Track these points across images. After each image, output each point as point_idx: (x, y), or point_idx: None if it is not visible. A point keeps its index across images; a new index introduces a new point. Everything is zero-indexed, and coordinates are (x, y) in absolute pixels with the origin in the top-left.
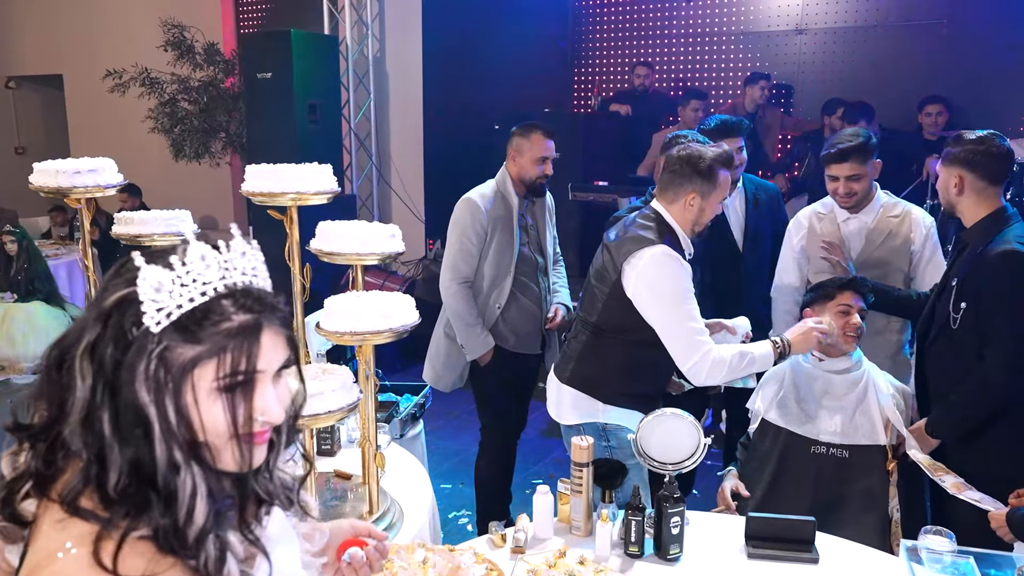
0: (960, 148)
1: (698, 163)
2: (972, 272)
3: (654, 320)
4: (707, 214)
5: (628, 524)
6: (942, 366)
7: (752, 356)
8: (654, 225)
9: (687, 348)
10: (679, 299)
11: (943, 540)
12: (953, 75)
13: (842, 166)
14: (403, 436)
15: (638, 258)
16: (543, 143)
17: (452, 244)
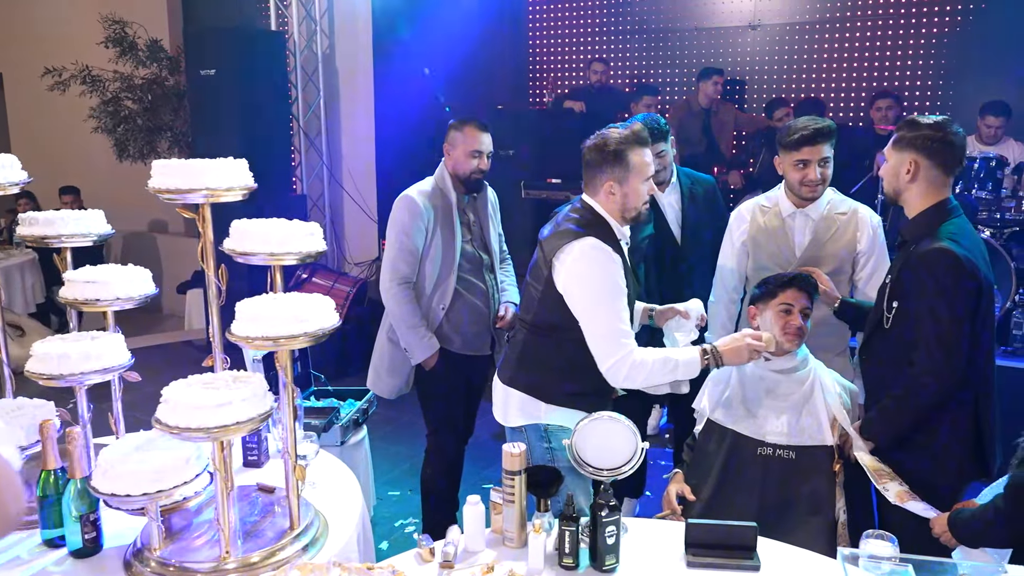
0: (917, 132)
1: (604, 149)
2: (904, 269)
3: (579, 315)
4: (633, 199)
5: (562, 535)
6: (877, 366)
7: (676, 363)
8: (584, 217)
9: (608, 347)
10: (606, 295)
11: (885, 544)
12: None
13: (815, 148)
14: (344, 443)
15: (566, 252)
16: (477, 136)
17: (391, 244)
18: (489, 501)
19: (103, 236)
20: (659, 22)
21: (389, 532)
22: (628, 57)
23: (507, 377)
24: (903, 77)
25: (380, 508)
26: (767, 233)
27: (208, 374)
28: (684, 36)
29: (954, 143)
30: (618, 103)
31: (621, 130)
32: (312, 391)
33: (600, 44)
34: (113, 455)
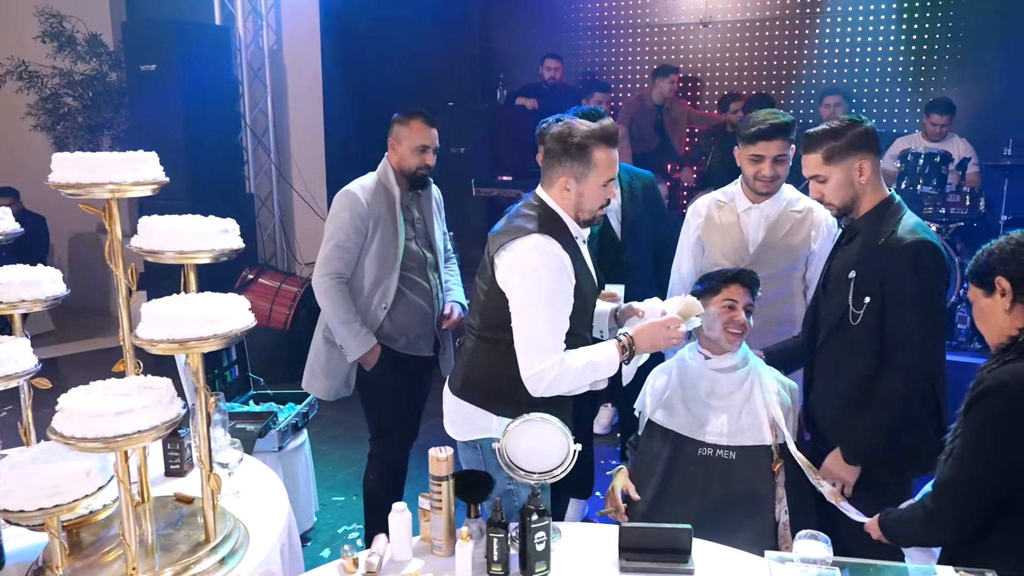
0: (847, 137)
1: (566, 140)
2: (875, 263)
3: (514, 313)
4: (589, 199)
5: (489, 542)
6: (837, 367)
7: (597, 363)
8: (535, 213)
9: (535, 353)
10: (544, 298)
11: (818, 545)
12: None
13: (770, 144)
14: (283, 448)
15: (510, 249)
16: (423, 131)
17: (328, 238)
18: (417, 508)
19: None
20: (612, 18)
21: (332, 539)
22: (581, 53)
23: (456, 387)
24: (851, 75)
25: (323, 515)
26: (721, 228)
27: (112, 380)
28: (637, 33)
29: (876, 133)
30: (571, 100)
31: (589, 123)
32: (251, 395)
33: (553, 40)
34: (7, 468)
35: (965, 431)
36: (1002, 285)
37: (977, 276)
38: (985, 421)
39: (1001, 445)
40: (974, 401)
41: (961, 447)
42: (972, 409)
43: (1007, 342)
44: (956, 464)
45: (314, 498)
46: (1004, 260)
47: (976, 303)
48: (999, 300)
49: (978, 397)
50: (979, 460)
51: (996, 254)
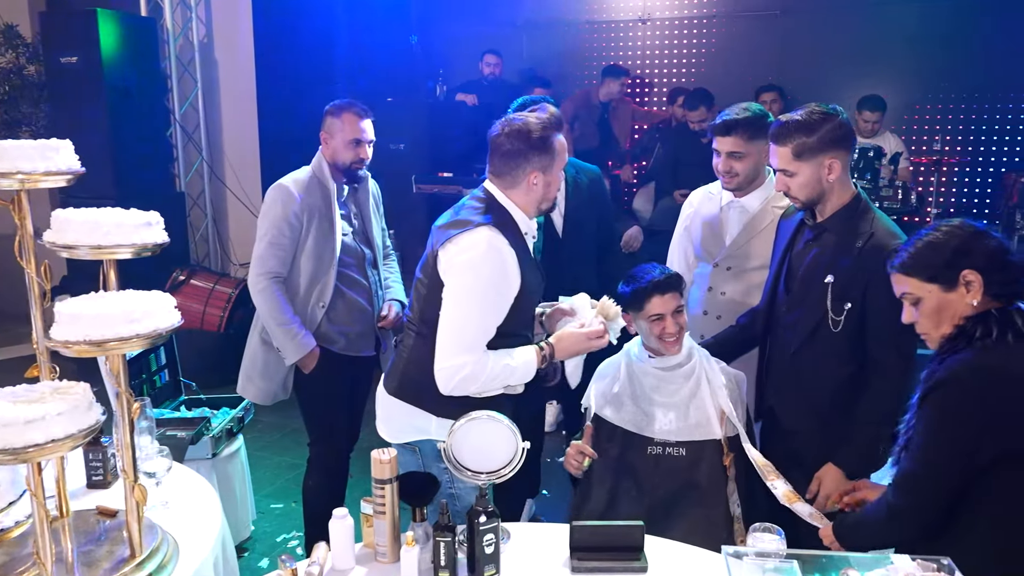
0: (820, 132)
1: (529, 136)
2: (856, 269)
3: (445, 302)
4: (553, 187)
5: (436, 546)
6: (814, 374)
7: (513, 368)
8: (483, 207)
9: (457, 346)
10: (481, 293)
11: (772, 538)
12: (788, 64)
13: (724, 140)
14: (216, 455)
15: (455, 242)
16: (356, 124)
17: (261, 236)
18: (360, 514)
19: None
20: (551, 15)
21: (271, 548)
22: (521, 50)
23: (393, 387)
24: (786, 71)
25: (261, 523)
26: (705, 221)
27: (23, 386)
28: (576, 29)
29: (850, 126)
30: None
31: (541, 115)
32: (183, 400)
33: (492, 36)
34: None
35: (922, 423)
36: (969, 278)
37: (931, 272)
38: (944, 411)
39: (962, 433)
40: (930, 392)
41: (920, 440)
42: (928, 400)
43: (954, 332)
44: (916, 457)
45: (251, 506)
46: (963, 252)
47: (927, 300)
48: (964, 294)
49: (934, 388)
50: (941, 451)
51: (951, 247)
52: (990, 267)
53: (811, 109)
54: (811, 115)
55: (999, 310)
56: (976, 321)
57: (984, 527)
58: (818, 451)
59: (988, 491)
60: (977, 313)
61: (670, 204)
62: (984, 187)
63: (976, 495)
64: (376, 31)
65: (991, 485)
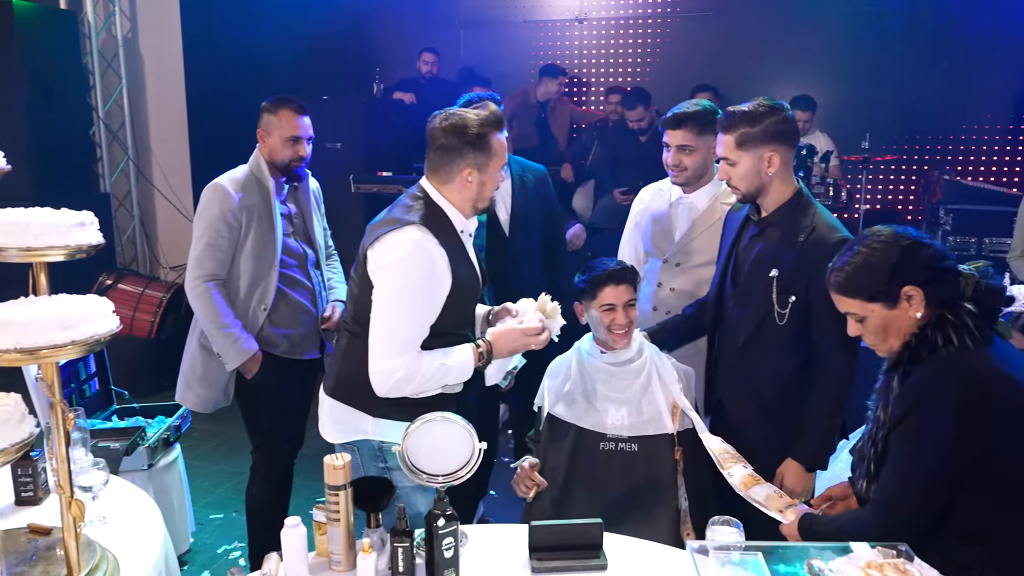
0: (764, 124)
1: (465, 132)
2: (799, 262)
3: (375, 304)
4: (489, 187)
5: (394, 552)
6: (760, 366)
7: (448, 367)
8: (416, 205)
9: (389, 348)
10: (410, 293)
11: (731, 531)
12: (722, 64)
13: (675, 133)
14: (153, 466)
15: (382, 241)
16: (294, 120)
17: (198, 237)
18: (312, 522)
19: None
20: (489, 14)
21: (211, 560)
22: (458, 48)
23: (330, 387)
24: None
25: (201, 535)
26: (656, 217)
27: None
28: (513, 28)
29: (796, 123)
30: (450, 94)
31: (480, 111)
32: (114, 410)
33: (429, 34)
34: None
35: (906, 441)
36: (909, 293)
37: (871, 292)
38: (930, 427)
39: (949, 447)
40: (912, 409)
41: (905, 457)
42: (911, 418)
43: (912, 342)
44: (902, 475)
45: (190, 517)
46: (901, 268)
47: (871, 319)
48: (907, 308)
49: (916, 404)
50: (929, 467)
51: (887, 265)
52: (929, 279)
53: (759, 102)
54: (758, 107)
55: (952, 313)
56: (934, 329)
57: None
58: (767, 443)
59: (955, 507)
60: (927, 322)
61: (610, 203)
62: (909, 184)
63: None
64: (311, 27)
65: (961, 501)
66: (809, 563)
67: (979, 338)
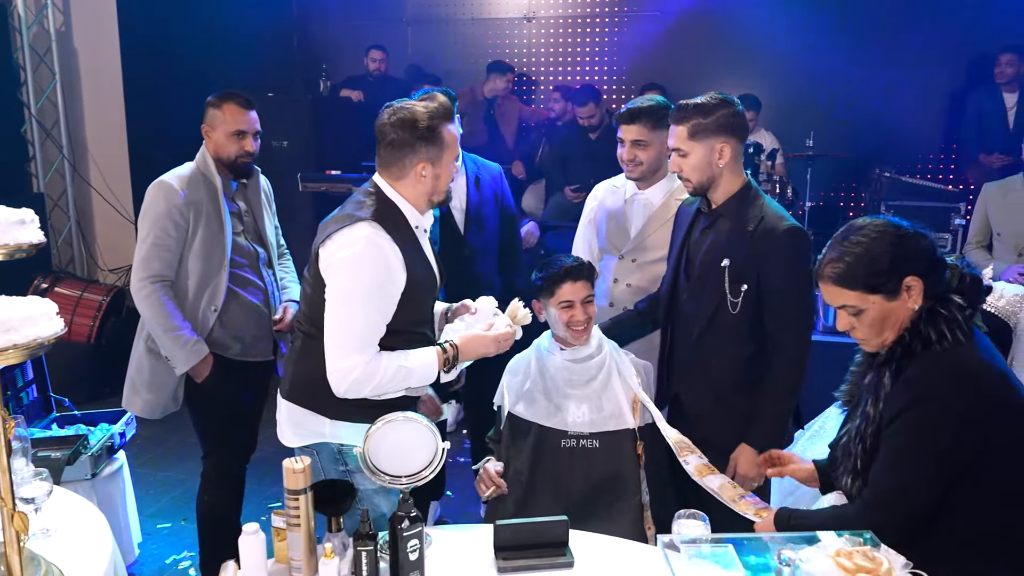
0: (715, 116)
1: (415, 126)
2: (750, 251)
3: (328, 304)
4: (443, 180)
5: (357, 556)
6: (715, 355)
7: (410, 370)
8: (368, 201)
9: (344, 348)
10: (363, 292)
11: (697, 524)
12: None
13: (629, 128)
14: (97, 475)
15: (334, 239)
16: (239, 115)
17: (143, 237)
18: (271, 527)
19: None
20: (437, 11)
21: (159, 571)
22: (406, 46)
23: (285, 390)
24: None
25: (147, 545)
26: (610, 214)
27: None
28: (462, 26)
29: (745, 117)
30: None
31: (428, 104)
32: (54, 418)
33: (377, 31)
34: None
35: (905, 436)
36: (910, 284)
37: (873, 283)
38: (931, 423)
39: (948, 444)
40: (911, 405)
41: (903, 453)
42: (908, 415)
43: (905, 335)
44: (897, 472)
45: (136, 527)
46: (903, 259)
47: (870, 311)
48: (906, 300)
49: (915, 401)
50: (928, 464)
51: (889, 256)
52: (928, 269)
53: (711, 95)
54: (710, 99)
55: (943, 306)
56: (926, 323)
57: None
58: (724, 433)
59: (948, 505)
60: (919, 315)
61: (561, 200)
62: (850, 181)
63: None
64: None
65: (954, 499)
66: (779, 553)
67: (967, 331)
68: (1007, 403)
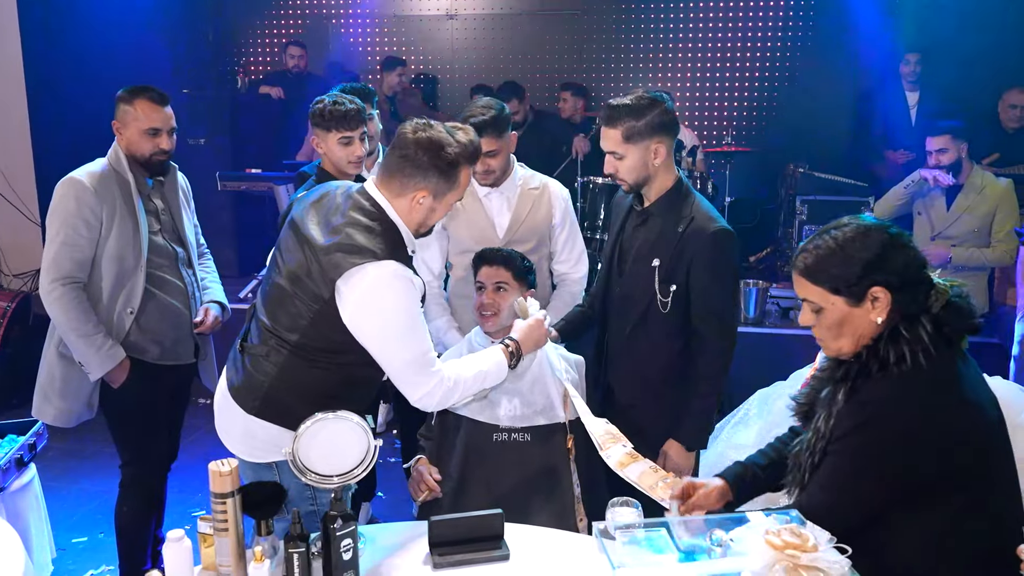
0: (648, 118)
1: (440, 153)
2: (679, 251)
3: (375, 350)
4: (437, 216)
5: (289, 559)
6: (644, 351)
7: (487, 372)
8: (377, 227)
9: (416, 378)
10: (407, 326)
11: (631, 511)
12: (588, 61)
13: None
14: (5, 489)
15: (359, 278)
16: (152, 111)
17: (52, 238)
18: (197, 533)
19: None
20: (358, 8)
21: None
22: (326, 42)
23: (253, 406)
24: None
25: (63, 560)
26: (466, 214)
27: None
28: (383, 23)
29: (675, 114)
30: (319, 89)
31: (462, 137)
32: None
33: (295, 27)
34: None
35: (848, 458)
36: (876, 295)
37: (836, 284)
38: (875, 449)
39: (891, 469)
40: (860, 428)
41: (844, 473)
42: (853, 438)
43: (864, 352)
44: (838, 489)
45: (49, 543)
46: (875, 267)
47: (829, 312)
48: (869, 310)
49: (865, 425)
50: (867, 487)
51: (862, 260)
52: (901, 285)
53: (639, 95)
54: (639, 100)
55: (907, 328)
56: (887, 343)
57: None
58: (655, 422)
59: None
60: (881, 332)
61: None
62: (766, 176)
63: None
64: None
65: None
66: (711, 534)
67: (934, 357)
68: (964, 436)
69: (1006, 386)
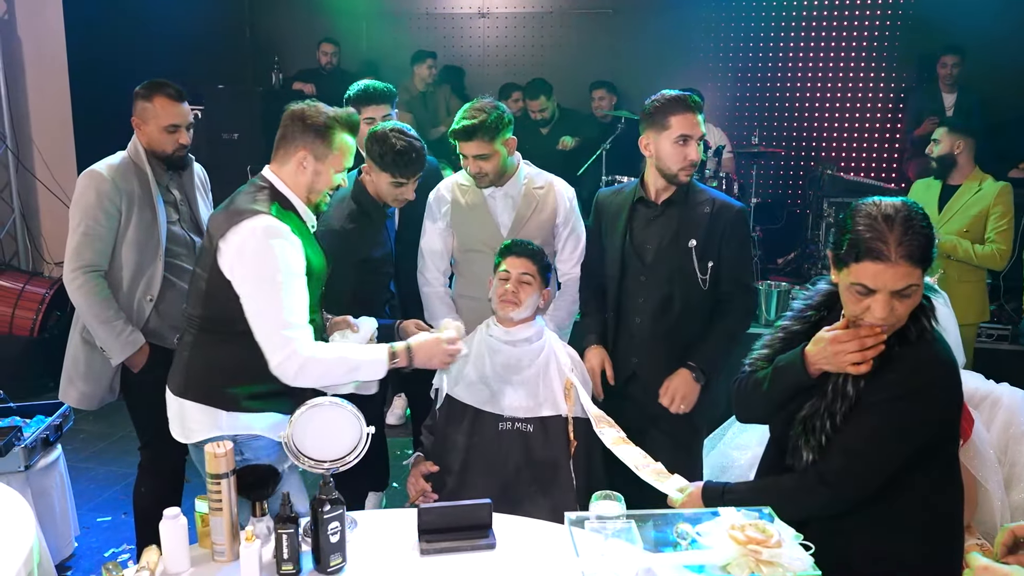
0: None
1: (306, 120)
2: (712, 230)
3: (246, 305)
4: (323, 180)
5: (279, 539)
6: (682, 330)
7: (358, 363)
8: (262, 195)
9: (274, 340)
10: (277, 283)
11: (612, 504)
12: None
13: (468, 145)
14: (31, 467)
15: (236, 232)
16: (170, 108)
17: (75, 227)
18: (194, 512)
19: None
20: (391, 6)
21: (96, 565)
22: (359, 40)
23: (178, 386)
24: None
25: (86, 538)
26: (470, 211)
27: None
28: (415, 21)
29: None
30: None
31: (338, 109)
32: None
33: (329, 24)
34: None
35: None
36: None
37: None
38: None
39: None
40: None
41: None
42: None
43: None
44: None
45: (73, 521)
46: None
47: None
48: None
49: (912, 392)
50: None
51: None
52: None
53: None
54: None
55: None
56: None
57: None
58: None
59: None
60: None
61: None
62: (796, 178)
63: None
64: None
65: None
66: (676, 528)
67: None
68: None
69: (1015, 393)
